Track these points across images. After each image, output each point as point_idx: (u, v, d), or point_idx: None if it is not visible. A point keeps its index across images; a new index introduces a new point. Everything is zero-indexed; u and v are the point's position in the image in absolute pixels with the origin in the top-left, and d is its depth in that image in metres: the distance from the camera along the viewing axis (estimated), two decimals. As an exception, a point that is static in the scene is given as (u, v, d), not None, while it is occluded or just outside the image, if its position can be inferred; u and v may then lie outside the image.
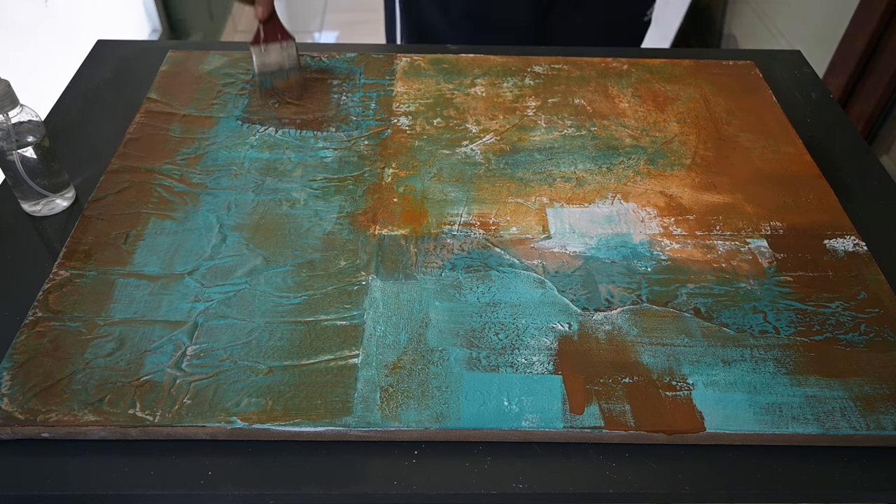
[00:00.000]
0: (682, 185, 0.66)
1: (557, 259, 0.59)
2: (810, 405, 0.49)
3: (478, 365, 0.51)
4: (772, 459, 0.48)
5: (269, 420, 0.47)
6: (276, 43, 0.74)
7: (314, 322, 0.53)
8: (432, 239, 0.60)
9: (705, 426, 0.48)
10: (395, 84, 0.78)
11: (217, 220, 0.61)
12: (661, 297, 0.56)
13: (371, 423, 0.47)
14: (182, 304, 0.54)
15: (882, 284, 0.57)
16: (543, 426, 0.47)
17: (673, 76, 0.81)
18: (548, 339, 0.53)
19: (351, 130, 0.72)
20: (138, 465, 0.46)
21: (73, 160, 0.68)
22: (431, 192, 0.65)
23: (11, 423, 0.47)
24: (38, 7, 1.40)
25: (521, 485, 0.46)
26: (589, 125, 0.73)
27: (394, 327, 0.53)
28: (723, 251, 0.60)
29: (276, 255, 0.58)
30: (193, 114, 0.73)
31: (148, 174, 0.65)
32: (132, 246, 0.59)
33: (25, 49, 1.33)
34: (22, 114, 0.58)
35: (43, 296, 0.54)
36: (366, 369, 0.50)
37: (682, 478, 0.47)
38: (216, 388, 0.49)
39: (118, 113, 0.74)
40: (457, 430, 0.47)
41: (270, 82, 0.76)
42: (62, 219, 0.63)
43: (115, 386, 0.49)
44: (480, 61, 0.82)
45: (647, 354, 0.52)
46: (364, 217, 0.62)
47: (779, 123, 0.74)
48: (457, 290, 0.56)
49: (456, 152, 0.69)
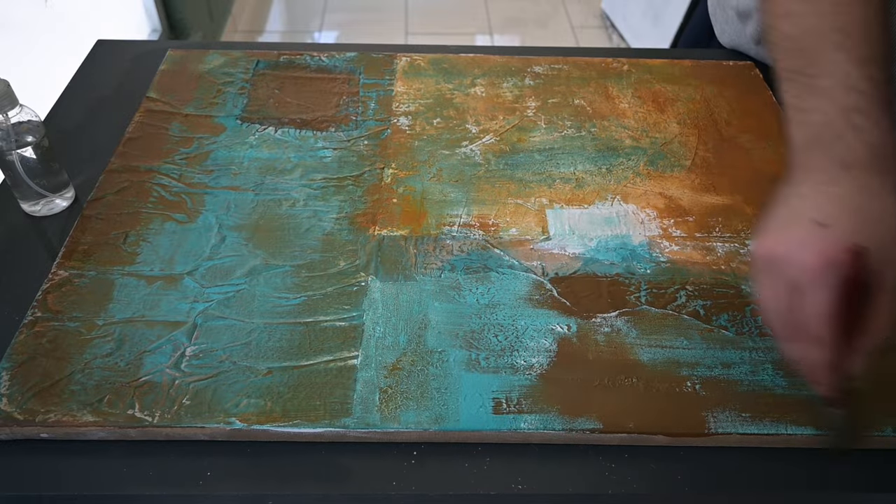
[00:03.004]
0: (681, 187, 0.66)
1: (557, 260, 0.59)
2: (810, 407, 0.49)
3: (477, 366, 0.51)
4: (771, 460, 0.48)
5: (268, 421, 0.47)
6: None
7: (313, 323, 0.53)
8: (432, 240, 0.60)
9: (705, 428, 0.48)
10: (395, 84, 0.78)
11: (216, 220, 0.61)
12: (660, 299, 0.56)
13: (370, 424, 0.47)
14: (181, 304, 0.54)
15: (882, 286, 0.57)
16: (542, 428, 0.47)
17: (673, 77, 0.80)
18: (547, 340, 0.53)
19: (350, 130, 0.72)
20: (137, 465, 0.46)
21: (72, 160, 0.68)
22: (431, 193, 0.65)
23: (10, 424, 0.47)
24: (38, 7, 1.40)
25: (520, 486, 0.46)
26: (589, 126, 0.73)
27: (393, 328, 0.53)
28: (722, 253, 0.60)
29: (275, 256, 0.58)
30: (193, 113, 0.73)
31: (147, 174, 0.65)
32: (131, 246, 0.59)
33: (25, 49, 1.33)
34: (21, 114, 0.58)
35: (42, 296, 0.54)
36: (365, 370, 0.50)
37: (682, 479, 0.47)
38: (215, 388, 0.49)
39: (118, 112, 0.74)
40: (456, 431, 0.47)
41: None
42: (62, 219, 0.63)
43: (114, 386, 0.49)
44: (480, 61, 0.82)
45: (646, 356, 0.52)
46: (363, 217, 0.62)
47: (779, 124, 0.74)
48: (456, 292, 0.56)
49: (456, 153, 0.69)
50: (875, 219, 0.40)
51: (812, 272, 0.39)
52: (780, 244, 0.41)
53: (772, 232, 0.42)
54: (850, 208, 0.40)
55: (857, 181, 0.41)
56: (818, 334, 0.40)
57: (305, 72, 0.79)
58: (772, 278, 0.41)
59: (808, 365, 0.43)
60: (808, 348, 0.41)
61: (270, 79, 0.78)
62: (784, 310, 0.41)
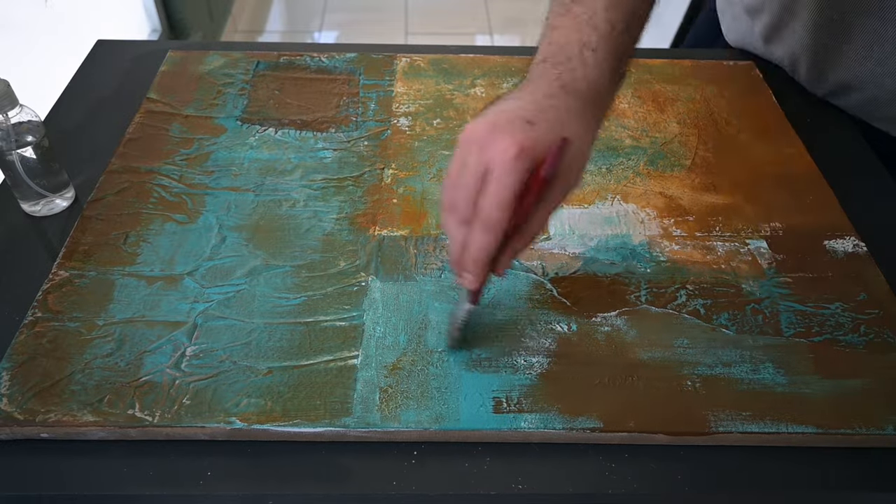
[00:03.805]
0: (681, 186, 0.66)
1: (557, 260, 0.59)
2: (810, 406, 0.49)
3: (477, 366, 0.51)
4: (772, 460, 0.48)
5: (268, 421, 0.47)
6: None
7: (313, 323, 0.53)
8: (432, 240, 0.60)
9: (705, 426, 0.48)
10: (395, 84, 0.78)
11: (217, 221, 0.61)
12: (660, 298, 0.56)
13: (370, 423, 0.47)
14: (181, 304, 0.54)
15: (882, 285, 0.57)
16: (543, 427, 0.47)
17: (673, 76, 0.80)
18: (547, 340, 0.53)
19: (350, 131, 0.72)
20: (137, 465, 0.46)
21: (72, 160, 0.68)
22: (431, 193, 0.65)
23: (10, 424, 0.47)
24: (38, 7, 1.41)
25: (521, 485, 0.46)
26: (589, 126, 0.73)
27: (393, 328, 0.53)
28: (722, 252, 0.60)
29: (275, 256, 0.58)
30: (193, 114, 0.73)
31: (147, 174, 0.65)
32: (132, 246, 0.59)
33: (25, 49, 1.33)
34: (21, 114, 0.58)
35: (42, 296, 0.54)
36: (365, 370, 0.50)
37: (682, 479, 0.47)
38: (215, 388, 0.49)
39: (118, 113, 0.74)
40: (456, 430, 0.47)
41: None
42: (62, 219, 0.63)
43: (115, 386, 0.49)
44: (480, 61, 0.82)
45: (646, 355, 0.52)
46: (363, 218, 0.62)
47: (779, 124, 0.74)
48: (456, 292, 0.56)
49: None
50: (575, 134, 0.44)
51: (505, 155, 0.41)
52: (486, 128, 0.43)
53: (482, 119, 0.44)
54: (556, 118, 0.44)
55: (570, 102, 0.45)
56: (490, 218, 0.42)
57: (305, 73, 0.79)
58: (467, 156, 0.43)
59: (462, 251, 0.44)
60: (473, 232, 0.43)
61: (270, 80, 0.78)
62: (465, 186, 0.43)
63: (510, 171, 0.41)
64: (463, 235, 0.43)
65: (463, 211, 0.43)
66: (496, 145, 0.41)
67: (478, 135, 0.43)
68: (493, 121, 0.43)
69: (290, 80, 0.78)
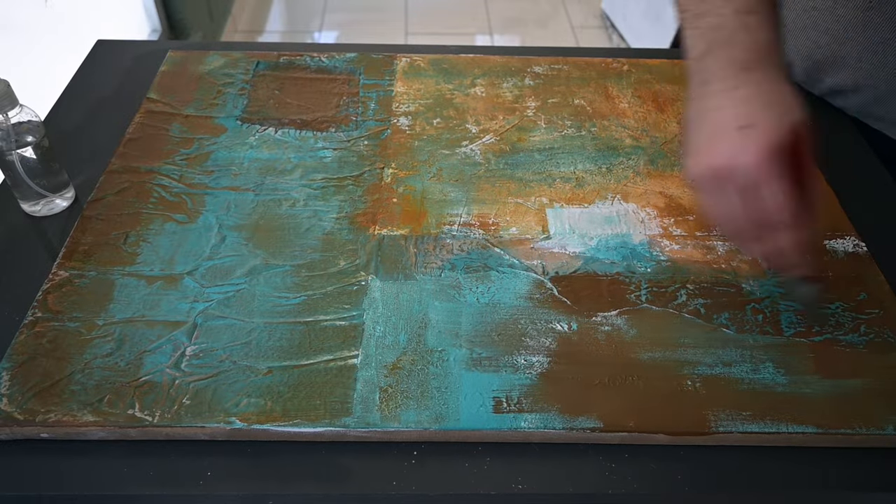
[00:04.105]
0: (681, 186, 0.66)
1: (557, 259, 0.59)
2: (810, 406, 0.49)
3: (477, 365, 0.51)
4: (772, 460, 0.48)
5: (268, 420, 0.47)
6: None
7: (313, 322, 0.53)
8: (432, 239, 0.60)
9: (705, 426, 0.48)
10: (395, 84, 0.78)
11: (216, 221, 0.61)
12: (660, 297, 0.56)
13: (370, 423, 0.47)
14: (181, 304, 0.54)
15: (882, 285, 0.57)
16: (543, 427, 0.47)
17: (673, 76, 0.80)
18: (547, 339, 0.53)
19: (350, 131, 0.72)
20: (137, 465, 0.46)
21: (72, 160, 0.68)
22: (431, 193, 0.65)
23: (10, 424, 0.47)
24: (39, 7, 1.40)
25: (521, 486, 0.46)
26: (589, 125, 0.73)
27: (393, 328, 0.53)
28: (722, 252, 0.60)
29: (275, 256, 0.58)
30: (193, 114, 0.73)
31: (147, 174, 0.65)
32: (132, 246, 0.59)
33: (25, 49, 1.33)
34: (21, 114, 0.58)
35: (42, 296, 0.54)
36: (365, 370, 0.50)
37: (682, 479, 0.47)
38: (215, 388, 0.49)
39: (118, 113, 0.74)
40: (456, 430, 0.47)
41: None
42: (62, 219, 0.63)
43: (115, 386, 0.49)
44: (480, 61, 0.82)
45: (646, 355, 0.52)
46: (363, 217, 0.62)
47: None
48: (456, 291, 0.56)
49: (456, 152, 0.69)
50: (784, 105, 0.44)
51: (759, 170, 0.42)
52: (717, 157, 0.43)
53: (703, 149, 0.44)
54: (761, 104, 0.43)
55: (757, 79, 0.44)
56: (783, 221, 0.43)
57: (305, 72, 0.79)
58: (719, 191, 0.44)
59: (780, 254, 0.45)
60: (777, 238, 0.44)
61: (270, 79, 0.78)
62: (741, 216, 0.44)
63: (771, 179, 0.42)
64: (771, 246, 0.45)
65: (756, 234, 0.46)
66: (740, 168, 0.43)
67: (714, 167, 0.44)
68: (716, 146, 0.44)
69: (290, 79, 0.78)
